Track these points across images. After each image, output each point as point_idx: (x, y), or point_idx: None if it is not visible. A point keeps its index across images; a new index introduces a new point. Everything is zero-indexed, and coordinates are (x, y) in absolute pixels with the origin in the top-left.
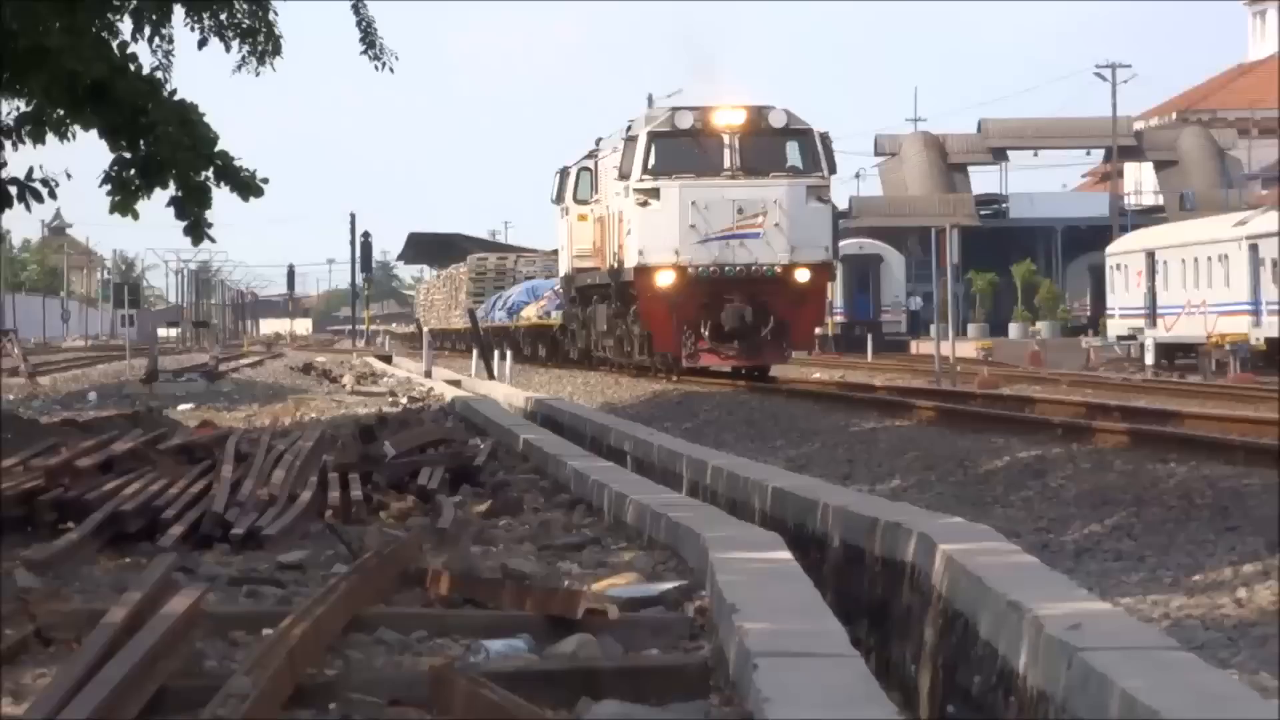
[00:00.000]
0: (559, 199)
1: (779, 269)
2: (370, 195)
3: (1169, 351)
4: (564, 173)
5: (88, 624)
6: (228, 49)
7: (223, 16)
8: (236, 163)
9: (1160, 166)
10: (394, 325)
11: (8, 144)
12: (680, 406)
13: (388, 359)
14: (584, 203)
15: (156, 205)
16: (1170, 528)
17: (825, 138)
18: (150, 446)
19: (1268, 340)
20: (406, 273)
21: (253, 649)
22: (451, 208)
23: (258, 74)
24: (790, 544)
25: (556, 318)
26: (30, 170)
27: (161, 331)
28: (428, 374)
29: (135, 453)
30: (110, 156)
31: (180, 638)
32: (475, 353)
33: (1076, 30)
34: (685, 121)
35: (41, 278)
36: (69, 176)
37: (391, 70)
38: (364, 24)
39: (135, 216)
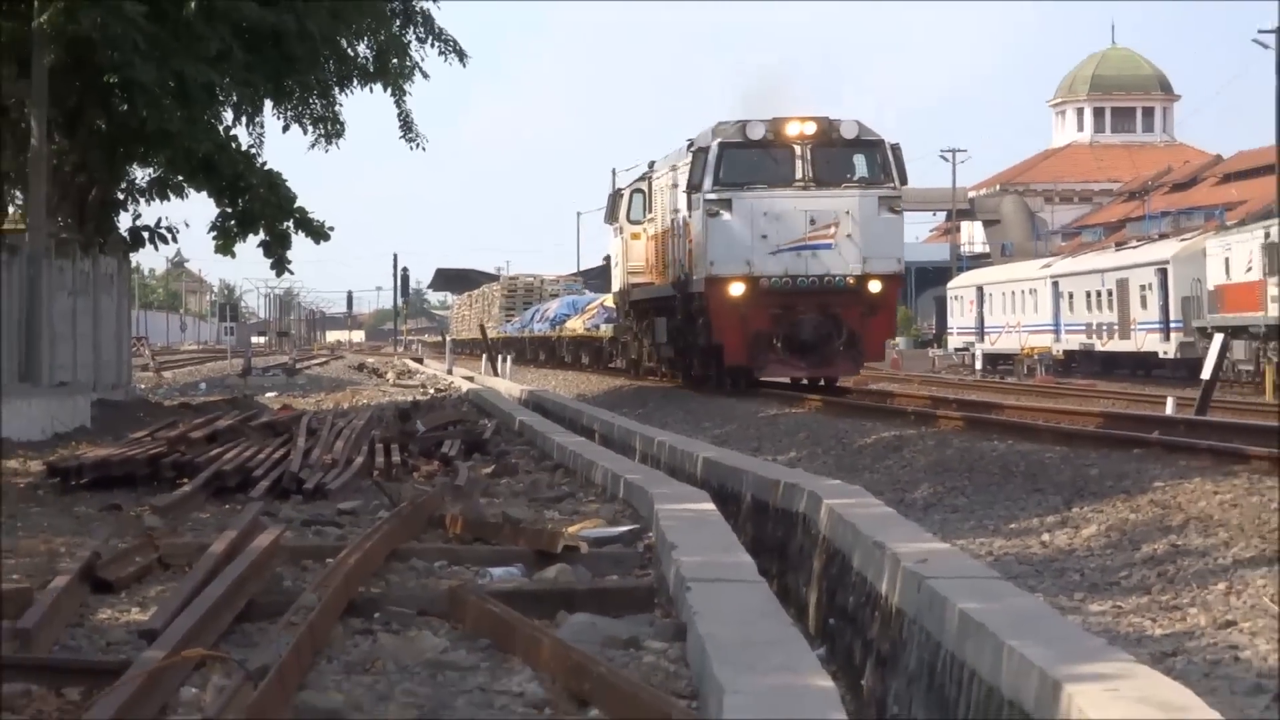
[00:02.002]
0: (612, 219)
1: (851, 280)
2: (407, 238)
3: (993, 360)
4: (617, 195)
5: (196, 554)
6: (304, 132)
7: (300, 108)
8: (310, 215)
9: (987, 224)
10: (425, 336)
11: (141, 201)
12: (634, 397)
13: (419, 360)
14: (637, 222)
15: (249, 246)
16: (993, 489)
17: (896, 149)
18: (244, 423)
19: (1065, 352)
20: (435, 297)
21: (318, 573)
22: (467, 246)
23: (326, 151)
24: (715, 499)
25: (606, 330)
26: (158, 220)
27: (253, 339)
28: (449, 372)
29: (233, 428)
30: (216, 211)
31: (264, 564)
32: (484, 356)
33: (925, 120)
34: (757, 133)
35: (165, 299)
36: (186, 225)
37: (424, 150)
38: (403, 116)
39: (234, 255)
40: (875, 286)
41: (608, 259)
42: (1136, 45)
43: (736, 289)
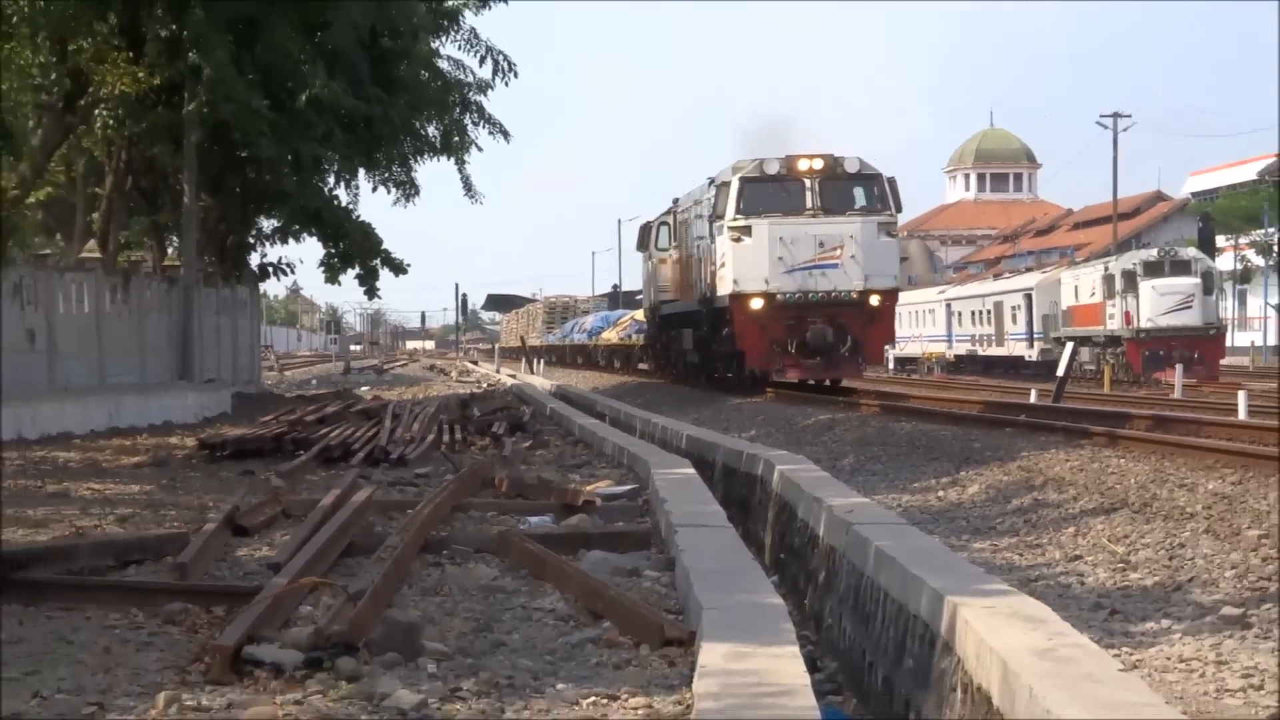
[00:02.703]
0: (642, 247)
1: (855, 294)
2: (466, 270)
3: (902, 362)
4: (646, 227)
5: (310, 507)
6: (388, 192)
7: (385, 175)
8: (392, 255)
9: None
10: (479, 345)
11: (267, 244)
12: (636, 390)
13: (475, 363)
14: (663, 250)
15: (348, 277)
16: (901, 458)
17: (892, 182)
18: (345, 410)
19: (955, 356)
20: (486, 315)
21: (401, 521)
22: (510, 276)
23: (405, 207)
24: (695, 466)
25: (638, 339)
26: (279, 258)
27: (351, 347)
28: (497, 371)
29: (337, 413)
30: (323, 251)
31: (361, 514)
32: (524, 359)
33: None
34: (772, 168)
35: (285, 317)
36: (301, 262)
37: (480, 203)
38: (464, 178)
39: (338, 284)
40: (875, 300)
41: (615, 287)
42: (1009, 126)
43: (756, 303)
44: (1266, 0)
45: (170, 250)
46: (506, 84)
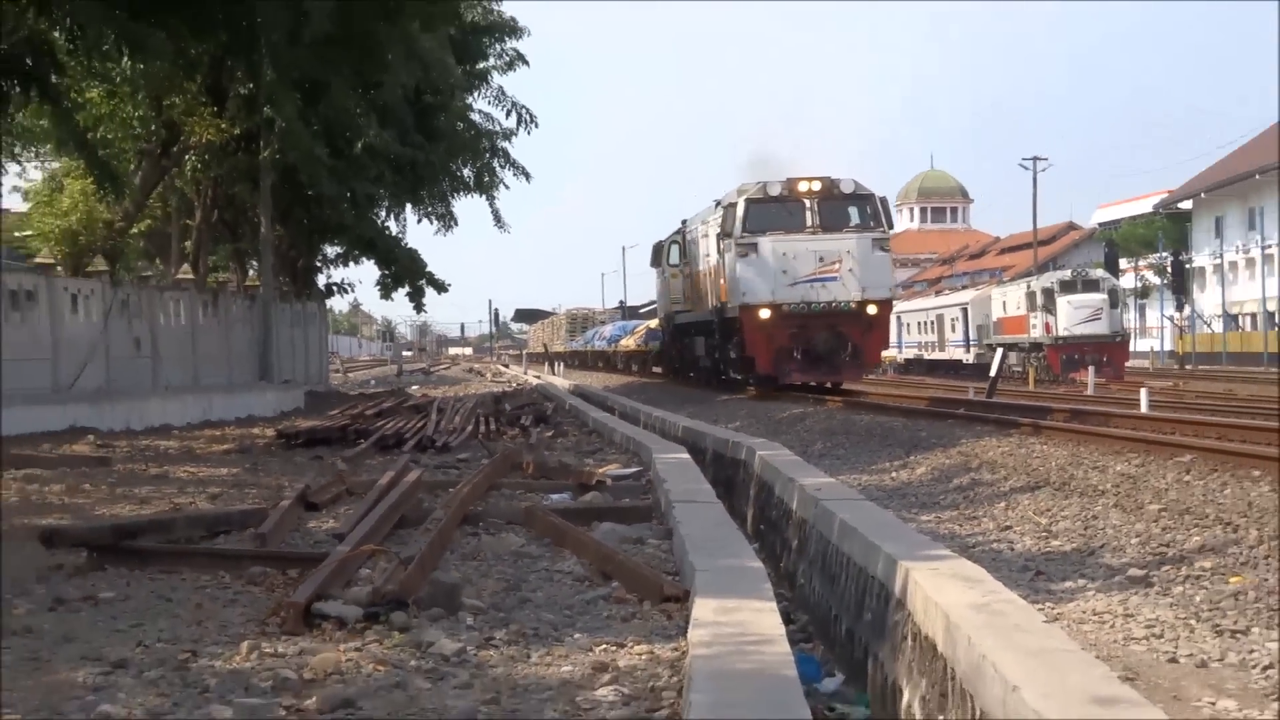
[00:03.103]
0: (656, 263)
1: (854, 304)
2: (497, 288)
3: None
4: (659, 246)
5: (369, 486)
6: (431, 224)
7: (429, 209)
8: (435, 276)
9: None
10: (509, 351)
11: (331, 267)
12: (642, 389)
13: (506, 366)
14: (675, 266)
15: (399, 295)
16: (860, 445)
17: (884, 201)
18: (399, 405)
19: (905, 359)
20: (515, 326)
21: (444, 497)
22: (534, 292)
23: (445, 235)
24: (690, 451)
25: (654, 346)
26: (342, 279)
27: (404, 353)
28: (525, 373)
29: (392, 408)
30: (378, 273)
31: (412, 493)
32: (546, 364)
33: None
34: (775, 190)
35: (348, 328)
36: (359, 282)
37: (508, 232)
38: (494, 212)
39: (391, 300)
40: (872, 309)
41: (621, 303)
42: (947, 167)
43: (764, 313)
44: (1267, 0)
45: (250, 272)
46: (529, 133)
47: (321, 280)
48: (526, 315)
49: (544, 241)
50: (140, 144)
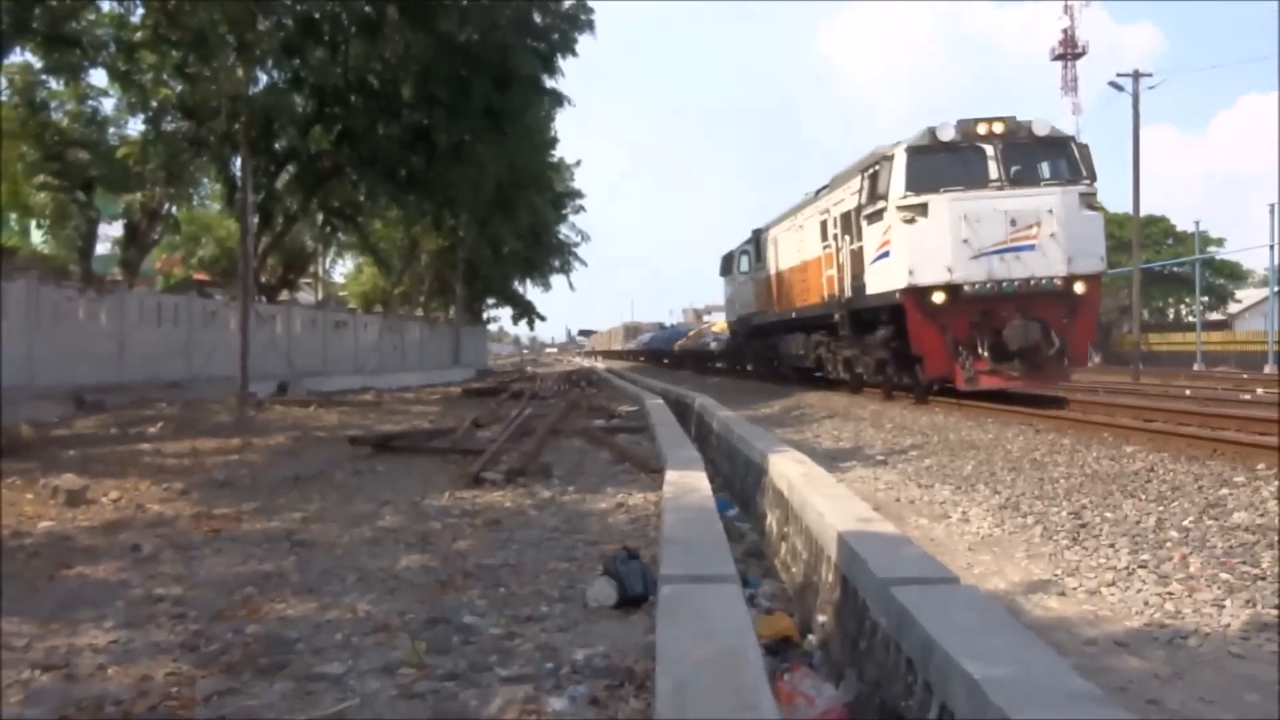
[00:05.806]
0: (726, 273)
1: (1059, 281)
2: (573, 313)
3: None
4: (729, 256)
5: (507, 416)
6: (538, 286)
7: (537, 279)
8: (538, 311)
9: None
10: (581, 351)
11: (488, 306)
12: (681, 375)
13: (574, 358)
14: (745, 273)
15: (522, 322)
16: (749, 395)
17: (1085, 147)
18: (521, 376)
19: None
20: (580, 338)
21: (542, 421)
22: (592, 313)
23: (543, 292)
24: (664, 400)
25: (715, 347)
26: (494, 315)
27: (522, 351)
28: (585, 363)
29: (521, 377)
30: (511, 310)
31: (527, 420)
32: (598, 358)
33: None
34: (947, 134)
35: (495, 337)
36: (500, 315)
37: (575, 290)
38: (570, 283)
39: (516, 324)
40: (1080, 288)
41: (659, 324)
42: None
43: (938, 297)
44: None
45: (450, 311)
46: (587, 241)
47: (485, 314)
48: (585, 332)
49: (595, 283)
50: (399, 250)
